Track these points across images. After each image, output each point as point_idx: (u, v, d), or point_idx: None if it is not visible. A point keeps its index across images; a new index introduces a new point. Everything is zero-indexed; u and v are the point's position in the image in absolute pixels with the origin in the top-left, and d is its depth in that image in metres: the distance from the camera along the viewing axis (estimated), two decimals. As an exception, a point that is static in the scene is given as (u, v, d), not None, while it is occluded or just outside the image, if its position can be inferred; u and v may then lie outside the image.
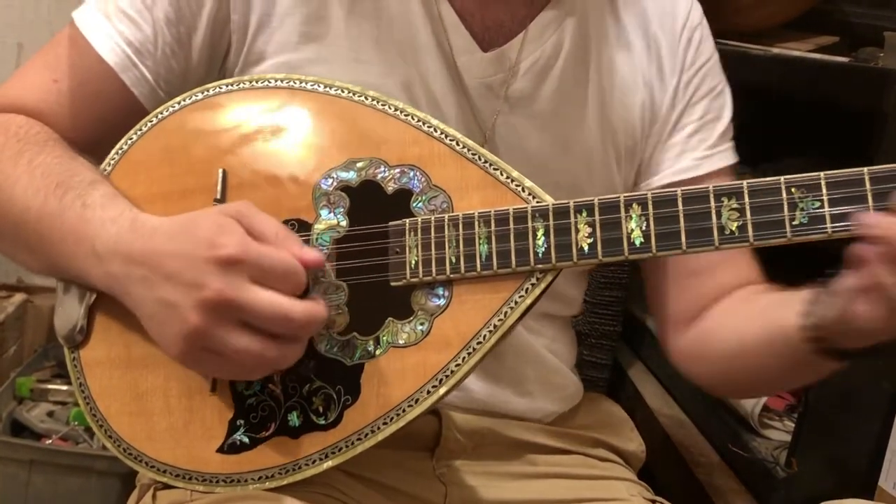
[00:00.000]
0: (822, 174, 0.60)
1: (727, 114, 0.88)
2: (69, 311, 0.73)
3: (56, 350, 1.71)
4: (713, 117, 0.86)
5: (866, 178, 0.59)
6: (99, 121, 0.78)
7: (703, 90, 0.86)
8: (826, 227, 0.59)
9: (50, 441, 1.53)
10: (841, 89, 1.08)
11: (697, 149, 0.85)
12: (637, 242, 0.63)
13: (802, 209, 0.60)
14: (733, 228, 0.61)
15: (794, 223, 0.60)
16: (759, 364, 0.77)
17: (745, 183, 0.61)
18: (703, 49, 0.87)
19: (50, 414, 1.59)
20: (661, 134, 0.86)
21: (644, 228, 0.63)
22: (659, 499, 0.87)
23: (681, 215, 0.62)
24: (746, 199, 0.61)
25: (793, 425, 1.09)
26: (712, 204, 0.62)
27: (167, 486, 0.72)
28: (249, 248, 0.62)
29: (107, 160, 0.76)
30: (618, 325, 1.32)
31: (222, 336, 0.62)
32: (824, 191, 0.60)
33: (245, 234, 0.63)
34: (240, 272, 0.61)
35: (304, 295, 0.64)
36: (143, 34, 0.77)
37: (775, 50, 1.26)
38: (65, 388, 1.63)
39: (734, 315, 0.82)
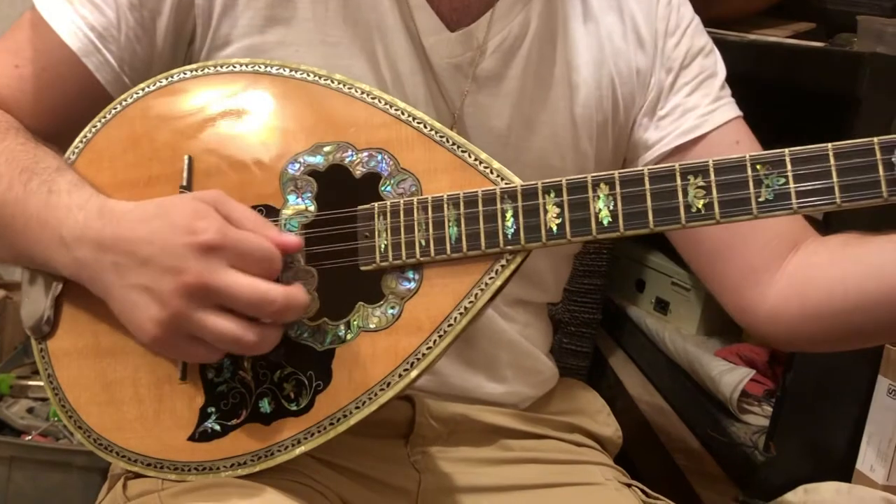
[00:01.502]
0: (786, 150, 0.59)
1: (721, 69, 0.87)
2: (35, 302, 0.72)
3: (34, 346, 1.70)
4: (709, 73, 0.86)
5: (830, 153, 0.59)
6: (62, 107, 0.77)
7: (694, 51, 0.86)
8: (791, 204, 0.59)
9: (30, 437, 1.52)
10: (816, 74, 1.08)
11: (700, 105, 0.85)
12: (605, 222, 0.63)
13: (768, 186, 0.60)
14: (700, 206, 0.61)
15: (759, 200, 0.60)
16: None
17: (710, 161, 0.61)
18: (683, 12, 0.87)
19: (30, 410, 1.58)
20: (657, 101, 0.86)
21: (612, 208, 0.63)
22: (635, 483, 0.87)
23: (647, 194, 0.62)
24: (712, 177, 0.61)
25: (771, 410, 1.09)
26: (678, 182, 0.62)
27: (138, 476, 0.71)
28: (228, 234, 0.62)
29: (71, 148, 0.75)
30: (597, 313, 1.32)
31: (201, 320, 0.62)
32: (789, 167, 0.60)
33: (223, 219, 0.63)
34: (219, 257, 0.61)
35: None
36: (107, 19, 0.76)
37: (752, 36, 1.26)
38: (44, 384, 1.62)
39: (840, 266, 0.76)
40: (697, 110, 0.84)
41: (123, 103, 0.75)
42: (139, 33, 0.77)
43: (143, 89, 0.75)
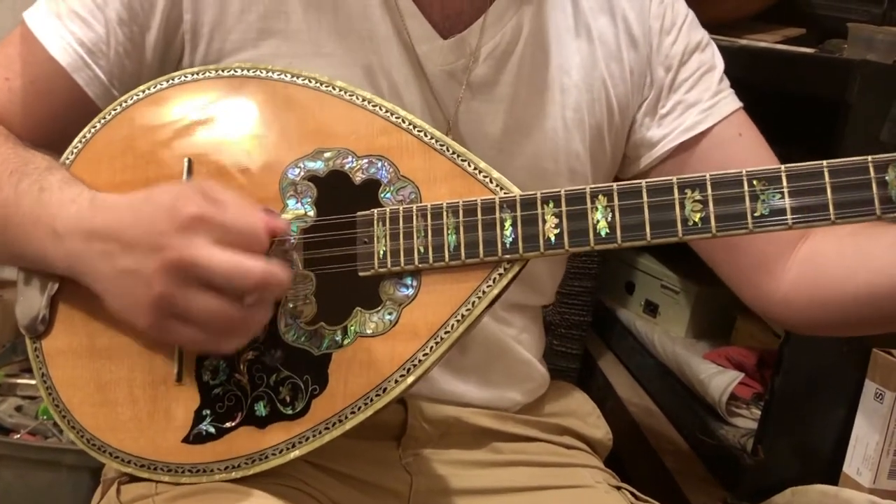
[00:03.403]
0: (782, 167, 0.60)
1: (719, 61, 0.88)
2: (31, 301, 0.72)
3: (25, 344, 1.69)
4: (707, 67, 0.87)
5: (825, 170, 0.60)
6: (52, 119, 0.77)
7: (691, 46, 0.87)
8: (787, 219, 0.60)
9: (18, 436, 1.51)
10: (806, 80, 1.09)
11: (701, 100, 0.85)
12: (603, 233, 0.64)
13: (764, 201, 0.61)
14: (696, 220, 0.62)
15: (755, 215, 0.61)
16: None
17: (707, 175, 0.62)
18: (678, 9, 0.88)
19: (18, 409, 1.57)
20: (658, 99, 0.86)
21: (609, 219, 0.64)
22: (624, 485, 0.88)
23: (645, 206, 0.63)
24: (709, 191, 0.62)
25: (759, 413, 1.10)
26: (676, 195, 0.62)
27: (132, 480, 0.71)
28: (209, 209, 0.62)
29: (70, 148, 0.75)
30: (588, 315, 1.33)
31: (186, 298, 0.62)
32: (784, 183, 0.60)
33: (206, 199, 0.63)
34: (200, 233, 0.61)
35: None
36: (96, 34, 0.76)
37: (742, 41, 1.27)
38: (33, 382, 1.60)
39: (849, 260, 0.76)
40: (699, 105, 0.85)
41: (124, 104, 0.75)
42: (128, 48, 0.77)
43: (143, 91, 0.75)
